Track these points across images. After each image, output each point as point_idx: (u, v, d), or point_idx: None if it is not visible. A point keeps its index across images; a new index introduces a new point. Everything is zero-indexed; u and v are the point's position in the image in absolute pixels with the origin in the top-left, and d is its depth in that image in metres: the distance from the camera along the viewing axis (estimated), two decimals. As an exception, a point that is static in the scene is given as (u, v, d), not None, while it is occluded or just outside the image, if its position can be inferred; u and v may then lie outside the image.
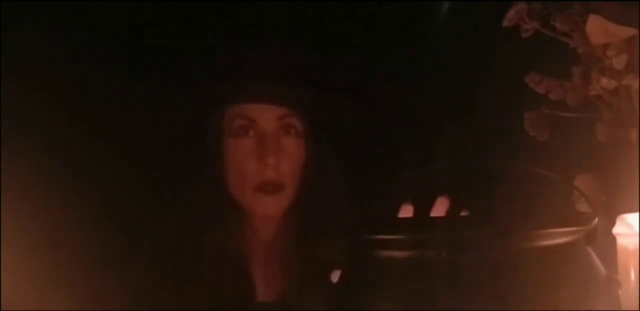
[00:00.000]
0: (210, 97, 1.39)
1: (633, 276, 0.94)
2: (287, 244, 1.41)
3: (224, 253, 1.38)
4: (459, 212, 1.15)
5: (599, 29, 1.06)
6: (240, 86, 1.37)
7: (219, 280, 1.38)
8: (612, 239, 0.96)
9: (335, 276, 0.92)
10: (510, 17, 1.12)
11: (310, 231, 1.39)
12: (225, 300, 1.37)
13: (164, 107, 1.41)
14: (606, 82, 1.08)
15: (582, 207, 1.00)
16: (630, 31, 1.06)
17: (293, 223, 1.40)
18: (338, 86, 1.40)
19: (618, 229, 0.96)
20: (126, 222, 1.44)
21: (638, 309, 0.94)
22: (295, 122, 1.39)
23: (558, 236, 0.83)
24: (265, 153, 1.35)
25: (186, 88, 1.41)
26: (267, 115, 1.37)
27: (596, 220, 0.86)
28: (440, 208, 1.18)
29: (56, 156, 1.51)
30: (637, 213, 0.95)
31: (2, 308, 1.27)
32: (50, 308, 1.32)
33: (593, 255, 0.86)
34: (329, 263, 1.02)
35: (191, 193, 1.40)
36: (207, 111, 1.39)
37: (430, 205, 1.18)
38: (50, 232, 1.44)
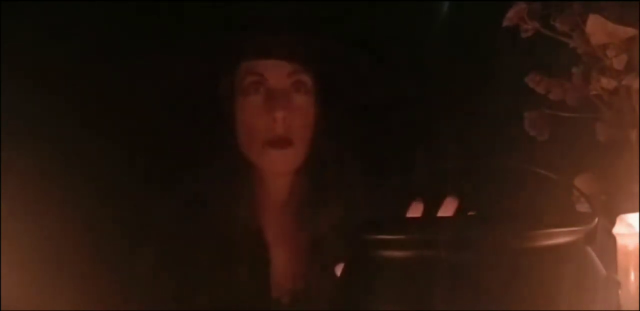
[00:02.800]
0: (221, 53, 1.39)
1: (633, 276, 0.94)
2: (300, 205, 1.40)
3: (238, 215, 1.38)
4: (461, 210, 1.15)
5: (599, 29, 1.06)
6: (250, 40, 1.37)
7: (232, 245, 1.37)
8: (612, 239, 0.96)
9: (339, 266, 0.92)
10: (510, 17, 1.12)
11: (322, 190, 1.39)
12: (239, 269, 1.37)
13: (175, 66, 1.41)
14: (606, 82, 1.08)
15: (582, 207, 1.00)
16: (630, 31, 1.06)
17: (305, 182, 1.40)
18: (349, 40, 1.40)
19: (618, 229, 0.96)
20: (127, 212, 1.44)
21: (638, 309, 0.94)
22: (305, 79, 1.39)
23: (558, 236, 0.83)
24: (274, 108, 1.35)
25: (196, 45, 1.41)
26: (276, 71, 1.38)
27: (596, 220, 0.86)
28: (448, 208, 1.18)
29: (55, 143, 1.50)
30: (637, 213, 0.95)
31: (2, 308, 1.27)
32: (50, 308, 1.32)
33: (593, 255, 0.86)
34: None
35: (202, 153, 1.41)
36: (218, 68, 1.40)
37: (438, 205, 1.18)
38: (50, 231, 1.44)
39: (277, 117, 1.35)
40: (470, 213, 1.14)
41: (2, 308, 1.27)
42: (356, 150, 1.43)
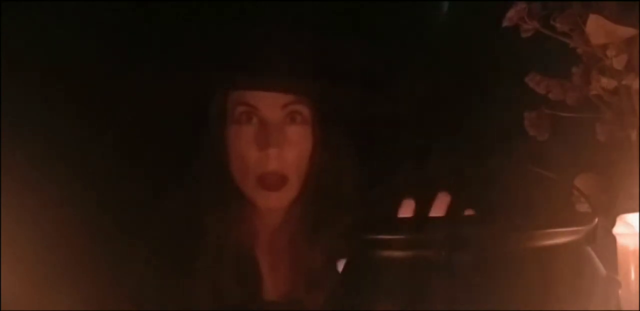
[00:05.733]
0: (212, 83, 1.34)
1: (633, 276, 0.94)
2: (295, 234, 1.37)
3: (229, 243, 1.36)
4: (460, 210, 1.15)
5: (599, 29, 1.06)
6: (242, 73, 1.32)
7: (224, 272, 1.35)
8: (612, 239, 0.96)
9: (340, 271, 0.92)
10: (510, 17, 1.12)
11: (318, 220, 1.36)
12: (230, 296, 1.35)
13: (164, 93, 1.38)
14: (606, 82, 1.08)
15: (582, 207, 1.00)
16: (630, 31, 1.06)
17: (300, 212, 1.37)
18: (344, 73, 1.36)
19: (618, 229, 0.96)
20: (126, 215, 1.43)
21: (638, 309, 0.94)
22: (301, 108, 1.34)
23: (558, 236, 0.83)
24: (267, 144, 1.31)
25: (188, 74, 1.36)
26: (270, 103, 1.32)
27: (596, 220, 0.86)
28: (440, 204, 1.17)
29: (55, 151, 1.50)
30: (637, 213, 0.95)
31: (2, 308, 1.27)
32: (50, 308, 1.32)
33: (593, 255, 0.86)
34: (335, 256, 1.00)
35: (193, 180, 1.38)
36: (209, 97, 1.35)
37: (431, 202, 1.17)
38: (50, 231, 1.44)
39: (270, 154, 1.31)
40: (468, 212, 1.13)
41: (2, 308, 1.27)
42: (354, 159, 1.41)
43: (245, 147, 1.33)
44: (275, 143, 1.31)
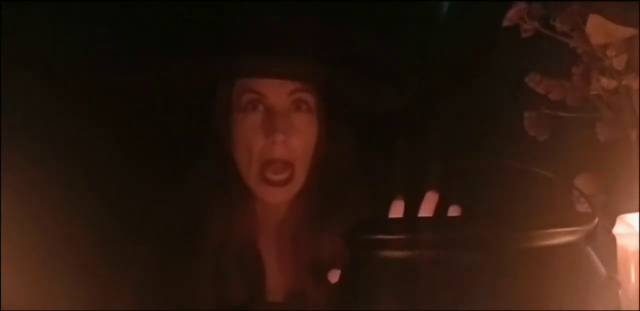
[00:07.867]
0: (219, 71, 1.35)
1: (633, 276, 0.94)
2: (298, 227, 1.38)
3: (232, 237, 1.36)
4: (448, 207, 1.15)
5: (599, 29, 1.06)
6: (249, 60, 1.33)
7: (226, 268, 1.35)
8: (612, 239, 0.96)
9: (336, 274, 0.92)
10: (510, 17, 1.12)
11: (322, 213, 1.36)
12: (233, 291, 1.35)
13: (170, 83, 1.38)
14: (606, 82, 1.08)
15: (582, 207, 1.00)
16: (630, 31, 1.06)
17: (304, 205, 1.37)
18: (350, 62, 1.36)
19: (618, 229, 0.96)
20: (128, 211, 1.43)
21: (638, 309, 0.94)
22: (307, 96, 1.35)
23: (558, 236, 0.83)
24: (274, 130, 1.31)
25: (194, 63, 1.37)
26: (277, 90, 1.33)
27: (596, 220, 0.86)
28: (430, 204, 1.17)
29: (56, 145, 1.50)
30: (637, 213, 0.95)
31: (2, 308, 1.27)
32: (50, 308, 1.32)
33: (593, 255, 0.86)
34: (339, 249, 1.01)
35: (197, 174, 1.38)
36: (215, 85, 1.36)
37: (420, 201, 1.17)
38: (50, 231, 1.44)
39: (277, 139, 1.32)
40: (453, 209, 1.13)
41: (2, 308, 1.27)
42: (357, 157, 1.41)
43: (251, 134, 1.34)
44: (282, 128, 1.32)
